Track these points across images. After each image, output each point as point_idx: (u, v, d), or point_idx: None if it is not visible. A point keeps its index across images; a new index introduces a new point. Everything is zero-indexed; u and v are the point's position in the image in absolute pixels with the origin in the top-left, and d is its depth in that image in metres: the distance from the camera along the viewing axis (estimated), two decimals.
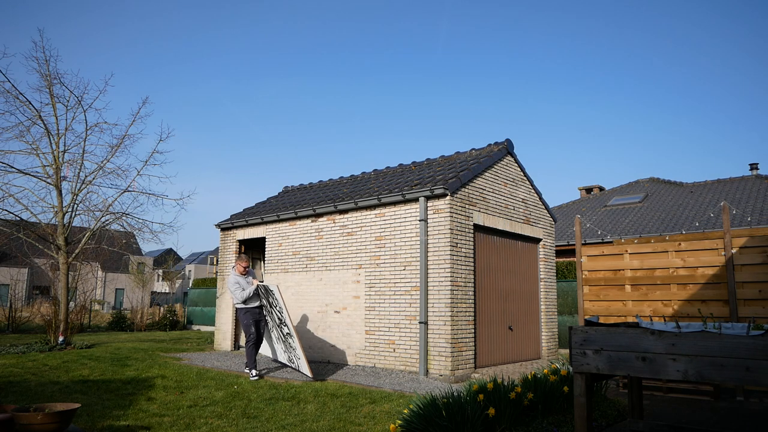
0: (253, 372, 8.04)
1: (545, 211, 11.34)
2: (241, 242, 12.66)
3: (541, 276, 11.02)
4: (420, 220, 8.74)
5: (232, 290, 8.49)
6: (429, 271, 8.61)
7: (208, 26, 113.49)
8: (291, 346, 8.35)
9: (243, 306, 8.53)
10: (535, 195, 11.07)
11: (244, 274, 8.61)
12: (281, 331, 8.52)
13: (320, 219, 10.62)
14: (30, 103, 11.77)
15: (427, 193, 8.67)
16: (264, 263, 12.35)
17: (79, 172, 12.23)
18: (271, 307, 8.52)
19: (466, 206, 8.97)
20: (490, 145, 10.62)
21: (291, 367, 8.78)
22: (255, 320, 8.55)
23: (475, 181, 9.27)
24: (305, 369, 7.86)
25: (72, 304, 13.93)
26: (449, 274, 8.37)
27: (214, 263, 54.75)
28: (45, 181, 11.99)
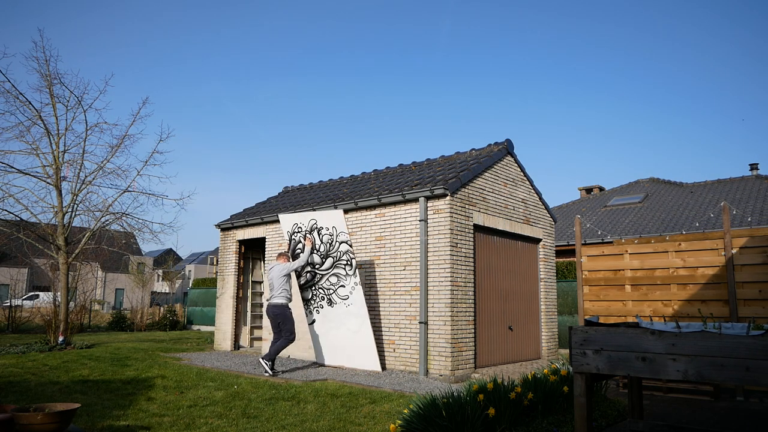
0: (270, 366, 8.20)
1: (545, 211, 11.34)
2: (241, 242, 12.66)
3: (541, 276, 11.02)
4: (420, 220, 8.74)
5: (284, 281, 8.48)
6: (429, 271, 8.61)
7: (208, 26, 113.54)
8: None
9: (287, 302, 8.51)
10: (535, 195, 11.07)
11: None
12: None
13: None
14: (30, 103, 11.77)
15: (427, 194, 8.67)
16: (264, 263, 12.35)
17: (79, 172, 12.23)
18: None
19: (466, 206, 8.96)
20: (490, 145, 10.62)
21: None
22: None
23: (475, 181, 9.26)
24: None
25: (72, 304, 13.92)
26: (449, 274, 8.37)
27: (214, 263, 54.76)
28: (45, 181, 11.99)
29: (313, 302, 9.34)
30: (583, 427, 3.52)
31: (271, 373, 8.10)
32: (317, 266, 9.19)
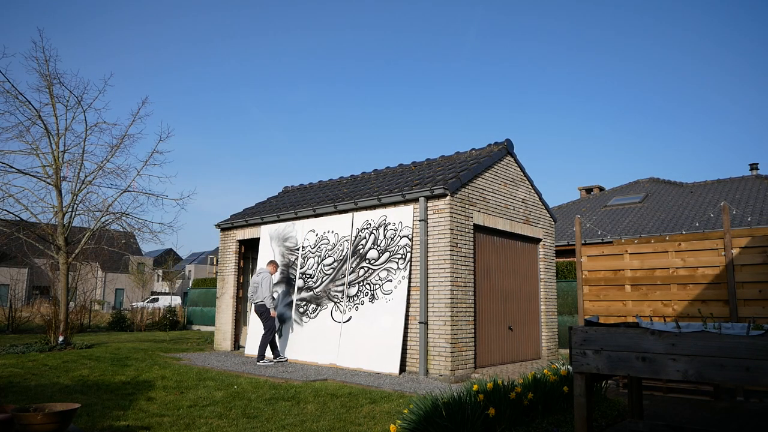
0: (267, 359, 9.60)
1: (545, 211, 11.33)
2: (241, 242, 12.66)
3: (541, 276, 11.02)
4: (420, 221, 8.74)
5: (271, 291, 9.83)
6: (429, 271, 8.61)
7: (208, 26, 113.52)
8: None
9: (272, 305, 9.84)
10: (535, 195, 11.07)
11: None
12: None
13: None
14: (30, 103, 11.76)
15: (427, 193, 8.67)
16: None
17: (78, 172, 12.23)
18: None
19: (466, 206, 8.97)
20: (490, 145, 10.62)
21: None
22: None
23: (475, 181, 9.27)
24: None
25: (72, 304, 13.93)
26: (449, 274, 8.37)
27: (214, 263, 54.77)
28: (45, 181, 11.99)
29: (356, 298, 9.24)
30: (583, 427, 3.52)
31: (273, 361, 9.61)
32: (373, 261, 9.23)
